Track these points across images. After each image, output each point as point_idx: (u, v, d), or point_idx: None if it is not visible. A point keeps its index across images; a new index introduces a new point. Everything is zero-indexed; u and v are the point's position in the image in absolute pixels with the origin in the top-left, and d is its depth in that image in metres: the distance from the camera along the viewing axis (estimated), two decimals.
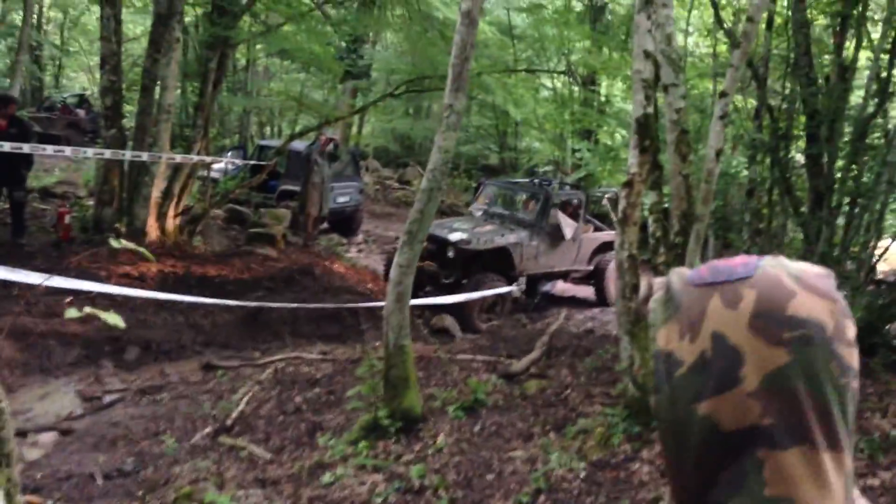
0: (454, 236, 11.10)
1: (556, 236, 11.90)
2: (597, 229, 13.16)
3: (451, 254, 10.97)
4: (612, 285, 12.10)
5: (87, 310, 1.80)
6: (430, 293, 10.88)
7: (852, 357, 0.80)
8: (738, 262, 0.84)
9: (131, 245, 2.29)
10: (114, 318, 1.81)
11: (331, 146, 13.98)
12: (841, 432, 0.79)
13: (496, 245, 11.24)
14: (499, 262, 11.25)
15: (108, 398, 6.96)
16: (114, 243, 2.37)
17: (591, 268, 12.59)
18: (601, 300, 12.60)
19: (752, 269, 0.81)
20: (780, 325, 0.77)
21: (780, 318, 0.77)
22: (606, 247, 12.52)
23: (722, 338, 0.79)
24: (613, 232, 12.63)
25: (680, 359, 0.82)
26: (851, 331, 0.80)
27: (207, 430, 6.26)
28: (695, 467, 0.82)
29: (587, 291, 13.08)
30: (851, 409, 0.80)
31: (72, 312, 1.81)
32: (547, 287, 12.71)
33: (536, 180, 13.18)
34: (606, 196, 13.84)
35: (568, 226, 11.98)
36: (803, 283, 0.79)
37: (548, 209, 11.94)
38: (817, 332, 0.77)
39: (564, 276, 12.61)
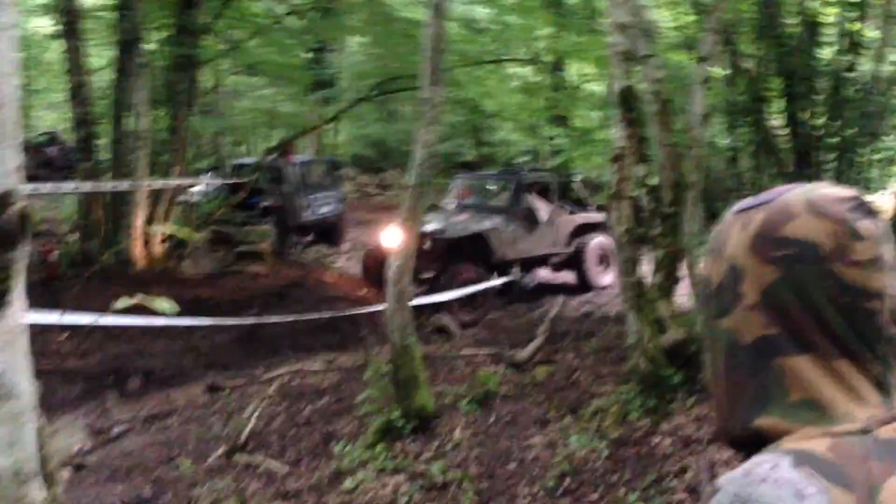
0: (428, 227, 10.70)
1: (531, 220, 11.69)
2: (571, 212, 13.06)
3: (426, 245, 10.46)
4: (592, 267, 11.98)
5: (139, 297, 1.76)
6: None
7: (864, 278, 0.82)
8: (775, 190, 0.89)
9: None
10: (164, 306, 1.78)
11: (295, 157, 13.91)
12: (854, 346, 0.81)
13: (472, 232, 10.96)
14: (476, 251, 10.98)
15: (116, 429, 6.88)
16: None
17: (571, 250, 12.29)
18: (582, 284, 12.24)
19: (776, 195, 0.87)
20: (772, 245, 0.83)
21: (773, 239, 0.83)
22: (584, 229, 12.37)
23: (733, 258, 0.86)
24: (589, 214, 12.65)
25: (712, 280, 0.89)
26: (865, 253, 0.82)
27: (221, 450, 6.20)
28: (726, 382, 0.87)
29: (568, 277, 12.80)
30: (874, 328, 0.82)
31: (123, 301, 1.77)
32: (526, 280, 12.49)
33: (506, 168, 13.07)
34: (579, 179, 13.84)
35: (542, 209, 11.82)
36: (812, 207, 0.83)
37: (520, 193, 11.74)
38: (808, 251, 0.82)
39: (544, 260, 12.32)
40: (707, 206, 11.22)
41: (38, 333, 7.77)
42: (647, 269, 6.16)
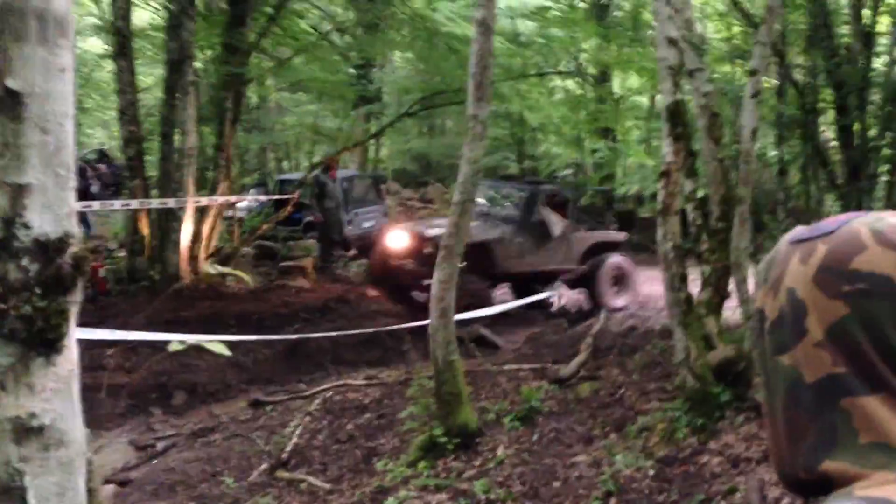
0: (431, 232, 10.50)
1: (542, 233, 11.25)
2: (590, 229, 12.54)
3: (427, 249, 10.24)
4: (605, 288, 11.55)
5: (191, 339, 1.76)
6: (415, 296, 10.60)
7: None
8: (834, 219, 0.84)
9: (228, 270, 2.21)
10: (219, 347, 1.77)
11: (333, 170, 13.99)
12: None
13: (475, 240, 10.21)
14: (480, 260, 10.43)
15: (161, 445, 6.94)
16: (209, 269, 2.29)
17: (584, 269, 11.76)
18: (594, 304, 11.62)
19: (838, 224, 0.82)
20: (840, 279, 0.78)
21: (841, 272, 0.78)
22: (601, 247, 11.99)
23: (793, 292, 0.81)
24: (608, 232, 12.33)
25: (767, 315, 0.84)
26: None
27: (264, 466, 6.21)
28: (786, 422, 0.82)
29: (581, 296, 12.26)
30: None
31: (175, 345, 1.79)
32: (553, 297, 12.02)
33: (529, 179, 12.83)
34: (599, 195, 13.59)
35: (556, 223, 11.39)
36: (881, 238, 0.78)
37: (533, 205, 11.35)
38: (880, 285, 0.77)
39: (554, 276, 11.83)
40: (755, 219, 11.03)
41: (85, 349, 7.92)
42: (693, 284, 6.04)
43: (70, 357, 1.60)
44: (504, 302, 11.07)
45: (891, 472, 0.73)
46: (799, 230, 0.86)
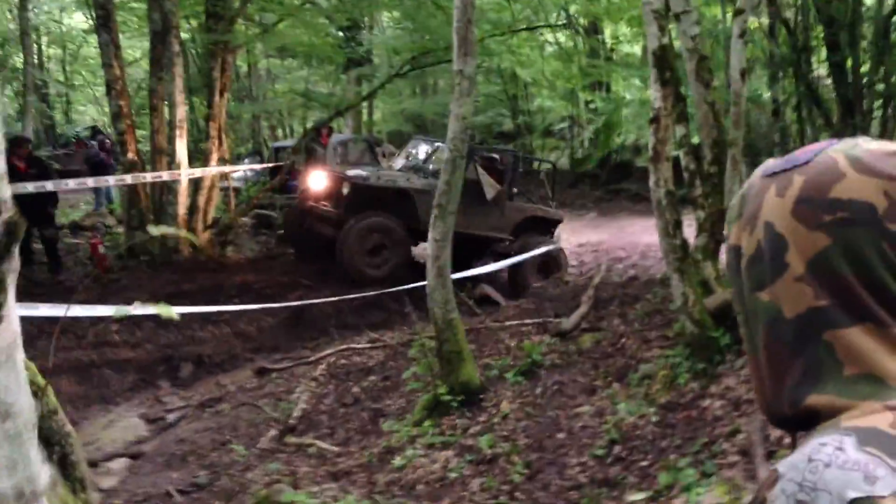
0: (353, 172, 10.30)
1: (474, 195, 10.45)
2: (528, 201, 12.12)
3: (345, 190, 10.06)
4: (529, 269, 10.96)
5: (137, 304, 1.75)
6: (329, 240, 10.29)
7: None
8: (807, 149, 0.82)
9: (172, 230, 2.20)
10: (167, 311, 1.76)
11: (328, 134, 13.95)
12: None
13: (397, 186, 10.13)
14: (400, 209, 10.12)
15: (170, 417, 7.01)
16: (153, 230, 2.25)
17: (514, 242, 11.27)
18: (512, 283, 11.07)
19: (812, 154, 0.80)
20: (820, 209, 0.76)
21: (820, 202, 0.76)
22: (534, 222, 11.55)
23: (771, 226, 0.79)
24: (546, 208, 11.95)
25: (744, 251, 0.83)
26: None
27: (272, 432, 6.28)
28: (768, 359, 0.81)
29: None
30: None
31: (121, 311, 1.78)
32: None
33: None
34: (543, 170, 13.32)
35: (490, 185, 10.91)
36: (859, 165, 0.76)
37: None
38: (861, 213, 0.75)
39: (482, 244, 11.26)
40: (752, 162, 10.99)
41: (91, 326, 7.99)
42: (689, 230, 6.04)
43: (11, 327, 1.57)
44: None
45: (877, 401, 0.72)
46: (771, 163, 0.84)
